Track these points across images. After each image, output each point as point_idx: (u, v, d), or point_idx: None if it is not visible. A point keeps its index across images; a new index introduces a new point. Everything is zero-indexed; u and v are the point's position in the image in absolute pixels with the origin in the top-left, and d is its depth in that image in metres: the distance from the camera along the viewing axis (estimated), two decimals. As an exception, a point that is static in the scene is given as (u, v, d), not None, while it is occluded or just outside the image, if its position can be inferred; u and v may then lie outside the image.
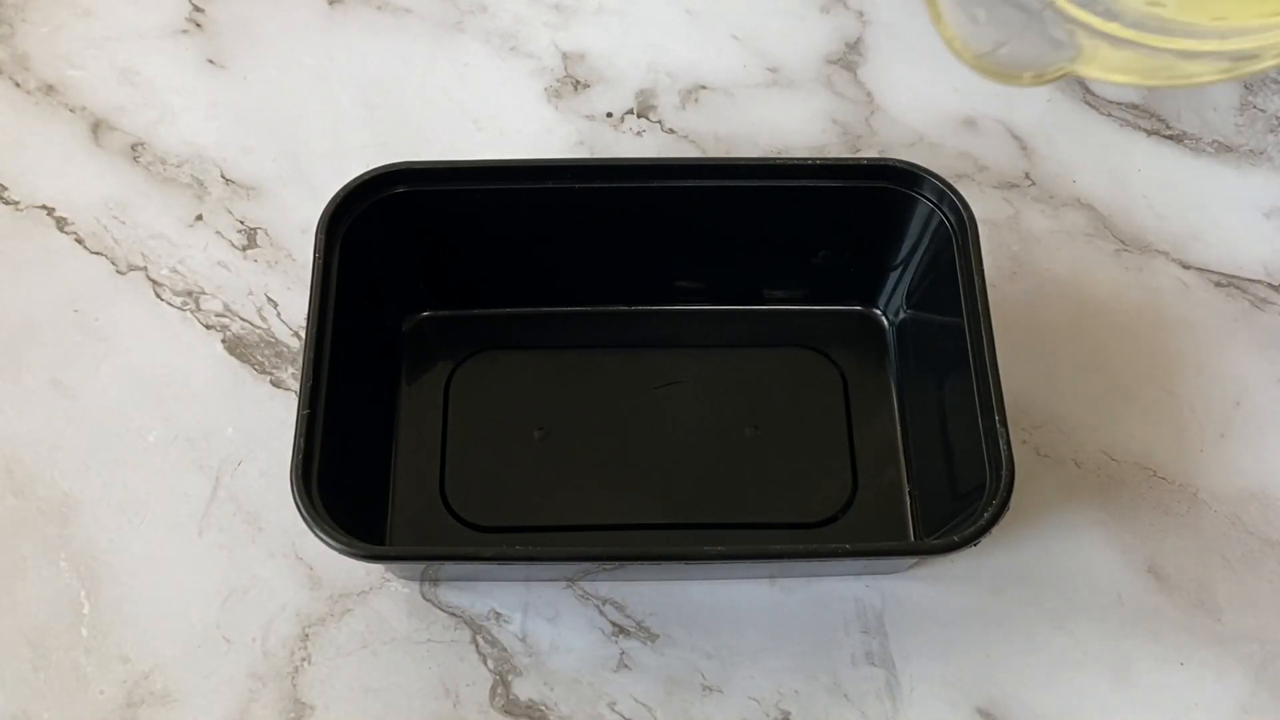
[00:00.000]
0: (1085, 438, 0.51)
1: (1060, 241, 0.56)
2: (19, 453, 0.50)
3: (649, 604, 0.48)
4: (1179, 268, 0.55)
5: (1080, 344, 0.53)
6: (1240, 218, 0.57)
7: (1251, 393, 0.52)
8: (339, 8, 0.62)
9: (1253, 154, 0.58)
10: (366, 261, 0.49)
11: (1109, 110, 0.60)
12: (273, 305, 0.54)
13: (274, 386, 0.52)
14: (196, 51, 0.61)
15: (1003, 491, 0.42)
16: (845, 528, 0.49)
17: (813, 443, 0.50)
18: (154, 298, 0.54)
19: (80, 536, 0.49)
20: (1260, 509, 0.50)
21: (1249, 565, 0.49)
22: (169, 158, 0.58)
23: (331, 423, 0.44)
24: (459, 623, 0.47)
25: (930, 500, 0.48)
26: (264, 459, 0.50)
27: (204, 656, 0.47)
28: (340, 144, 0.58)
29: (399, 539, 0.49)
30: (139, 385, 0.52)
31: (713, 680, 0.47)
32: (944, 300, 0.47)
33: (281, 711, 0.46)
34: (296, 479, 0.42)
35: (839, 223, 0.50)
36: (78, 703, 0.46)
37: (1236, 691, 0.46)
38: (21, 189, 0.57)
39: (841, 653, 0.47)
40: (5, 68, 0.60)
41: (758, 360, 0.52)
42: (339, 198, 0.47)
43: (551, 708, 0.46)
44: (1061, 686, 0.46)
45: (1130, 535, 0.49)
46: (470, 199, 0.50)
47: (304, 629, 0.47)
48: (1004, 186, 0.57)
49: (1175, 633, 0.47)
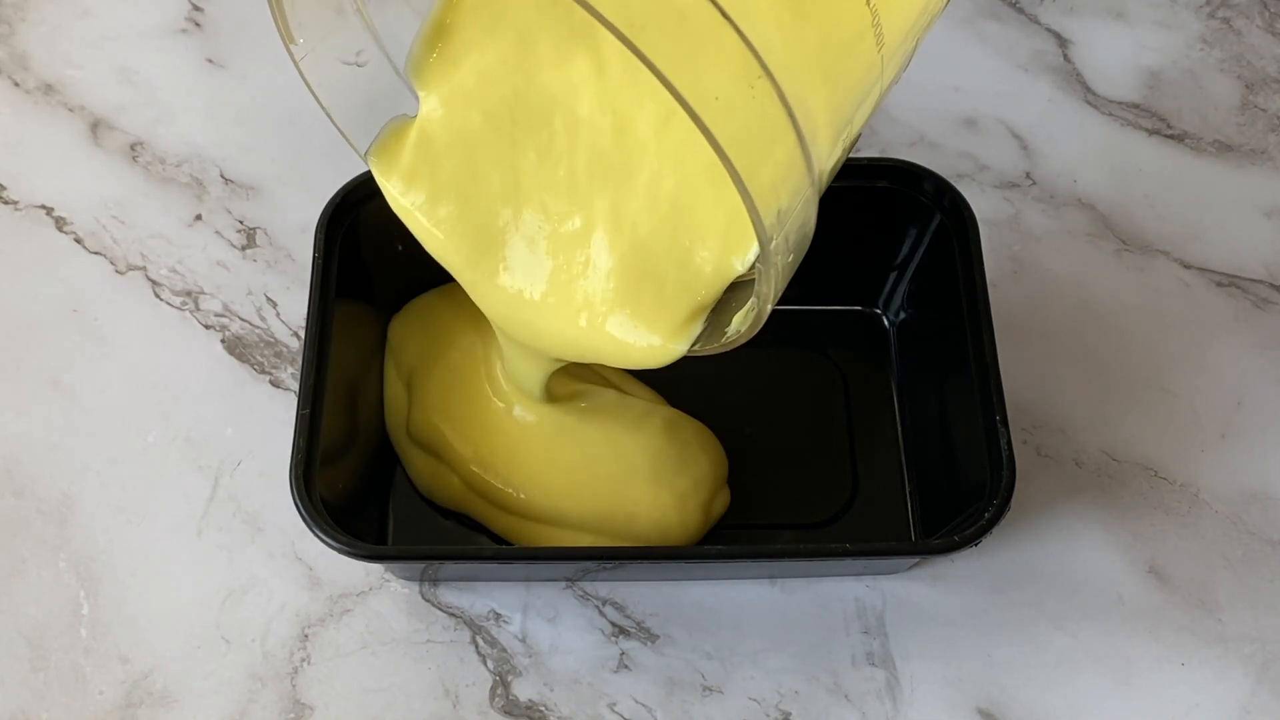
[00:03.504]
0: (1086, 438, 0.51)
1: (1061, 241, 0.56)
2: (18, 453, 0.50)
3: (649, 604, 0.48)
4: (1180, 268, 0.55)
5: (1081, 344, 0.53)
6: (1241, 217, 0.57)
7: (1253, 392, 0.52)
8: (339, 7, 0.62)
9: (1254, 154, 0.58)
10: (366, 261, 0.49)
11: (1110, 110, 0.59)
12: (272, 305, 0.54)
13: (273, 386, 0.52)
14: (195, 51, 0.61)
15: (1004, 492, 0.42)
16: (845, 528, 0.49)
17: (813, 443, 0.50)
18: (153, 298, 0.54)
19: (79, 537, 0.49)
20: (1261, 509, 0.50)
21: (1250, 565, 0.49)
22: (168, 157, 0.58)
23: (331, 423, 0.44)
24: (459, 623, 0.47)
25: (930, 500, 0.48)
26: (263, 459, 0.50)
27: (203, 657, 0.47)
28: (340, 144, 0.58)
29: (399, 539, 0.49)
30: (138, 385, 0.52)
31: (713, 681, 0.46)
32: (944, 300, 0.47)
33: (281, 712, 0.46)
34: (296, 479, 0.42)
35: (839, 222, 0.50)
36: (77, 703, 0.46)
37: (1237, 691, 0.46)
38: (21, 189, 0.57)
39: (842, 653, 0.47)
40: (4, 67, 0.60)
41: (757, 360, 0.52)
42: (338, 198, 0.47)
43: (551, 708, 0.46)
44: (1062, 686, 0.46)
45: (1131, 535, 0.49)
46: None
47: (303, 629, 0.47)
48: (1004, 186, 0.57)
49: (1176, 633, 0.47)
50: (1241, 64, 0.61)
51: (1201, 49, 0.61)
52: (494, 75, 0.39)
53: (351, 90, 0.40)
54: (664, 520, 0.47)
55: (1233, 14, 0.62)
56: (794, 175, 0.31)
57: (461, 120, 0.39)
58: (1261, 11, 0.62)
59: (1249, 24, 0.62)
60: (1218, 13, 0.62)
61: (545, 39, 0.38)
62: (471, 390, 0.49)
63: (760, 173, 0.29)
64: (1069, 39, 0.61)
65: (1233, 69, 0.61)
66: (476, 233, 0.40)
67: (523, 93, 0.38)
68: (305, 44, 0.38)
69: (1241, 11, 0.62)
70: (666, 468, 0.47)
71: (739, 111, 0.29)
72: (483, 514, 0.48)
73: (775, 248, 0.31)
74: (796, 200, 0.31)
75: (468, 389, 0.49)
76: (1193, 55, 0.61)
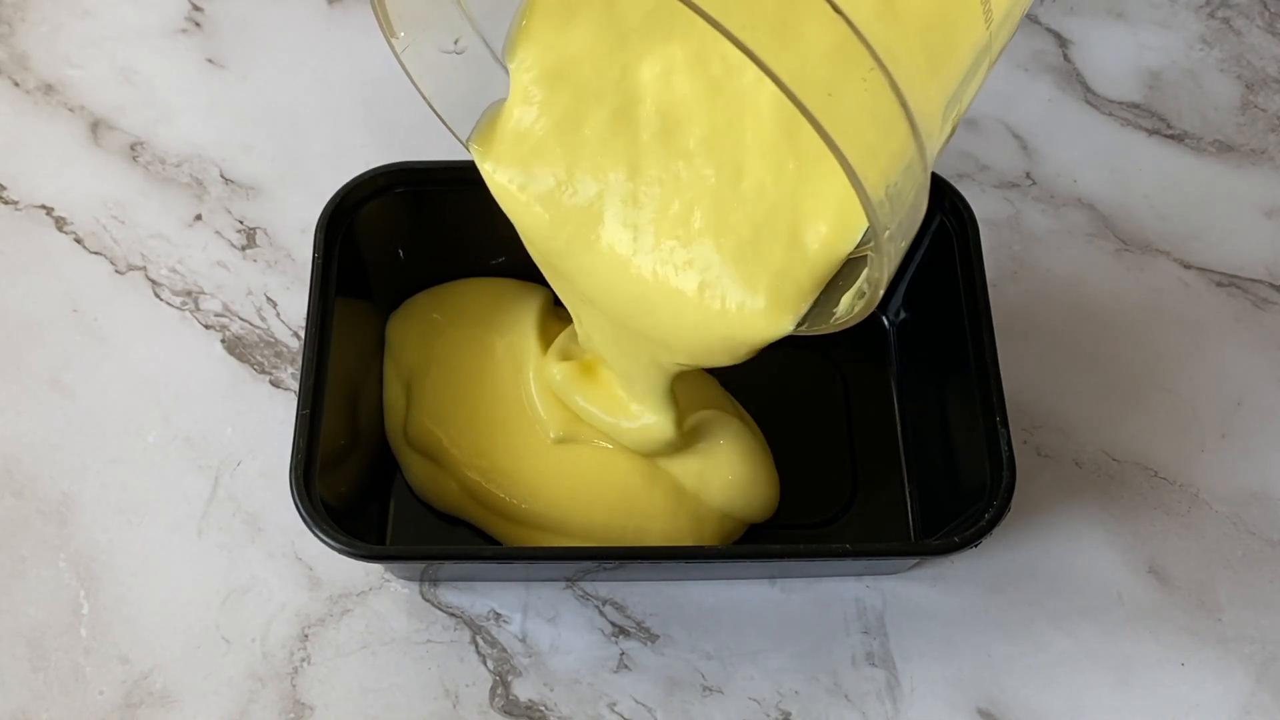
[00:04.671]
0: (1086, 438, 0.51)
1: (1061, 241, 0.56)
2: (18, 453, 0.50)
3: (649, 604, 0.48)
4: (1180, 267, 0.55)
5: (1081, 344, 0.53)
6: (1241, 217, 0.57)
7: (1253, 393, 0.52)
8: (339, 8, 0.62)
9: (1254, 153, 0.58)
10: (366, 261, 0.49)
11: (1110, 110, 0.59)
12: (272, 305, 0.54)
13: (273, 386, 0.52)
14: (196, 51, 0.61)
15: (1004, 492, 0.42)
16: (845, 528, 0.49)
17: (813, 443, 0.50)
18: (153, 298, 0.54)
19: (79, 537, 0.49)
20: (1261, 509, 0.50)
21: (1250, 565, 0.49)
22: (168, 157, 0.58)
23: (331, 423, 0.44)
24: (459, 623, 0.47)
25: (930, 500, 0.48)
26: (263, 459, 0.50)
27: (203, 657, 0.47)
28: (340, 144, 0.58)
29: (399, 539, 0.49)
30: (138, 385, 0.52)
31: (713, 681, 0.46)
32: (944, 300, 0.47)
33: (281, 712, 0.46)
34: (296, 479, 0.42)
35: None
36: (77, 703, 0.46)
37: (1237, 692, 0.46)
38: (20, 189, 0.57)
39: (842, 653, 0.47)
40: (5, 67, 0.60)
41: (758, 360, 0.52)
42: (338, 198, 0.47)
43: (551, 708, 0.46)
44: (1062, 686, 0.46)
45: (1131, 535, 0.49)
46: (470, 199, 0.50)
47: (303, 629, 0.47)
48: (1005, 186, 0.57)
49: (1176, 633, 0.47)
50: (1241, 64, 0.61)
51: (1201, 49, 0.61)
52: (589, 54, 0.38)
53: (451, 79, 0.40)
54: (676, 539, 0.47)
55: (1233, 14, 0.62)
56: (907, 163, 0.30)
57: (557, 99, 0.39)
58: (1261, 11, 0.62)
59: (1249, 24, 0.62)
60: (1218, 13, 0.62)
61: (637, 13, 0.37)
62: (475, 395, 0.49)
63: (874, 164, 0.29)
64: (1069, 39, 0.61)
65: (1233, 69, 0.61)
66: (579, 210, 0.40)
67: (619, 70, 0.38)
68: (406, 36, 0.38)
69: (1241, 11, 0.62)
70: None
71: (852, 106, 0.28)
72: (481, 520, 0.48)
73: (889, 235, 0.31)
74: (909, 185, 0.31)
75: (470, 393, 0.49)
76: (1193, 55, 0.61)
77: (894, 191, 0.30)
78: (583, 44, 0.38)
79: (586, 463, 0.47)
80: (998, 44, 0.34)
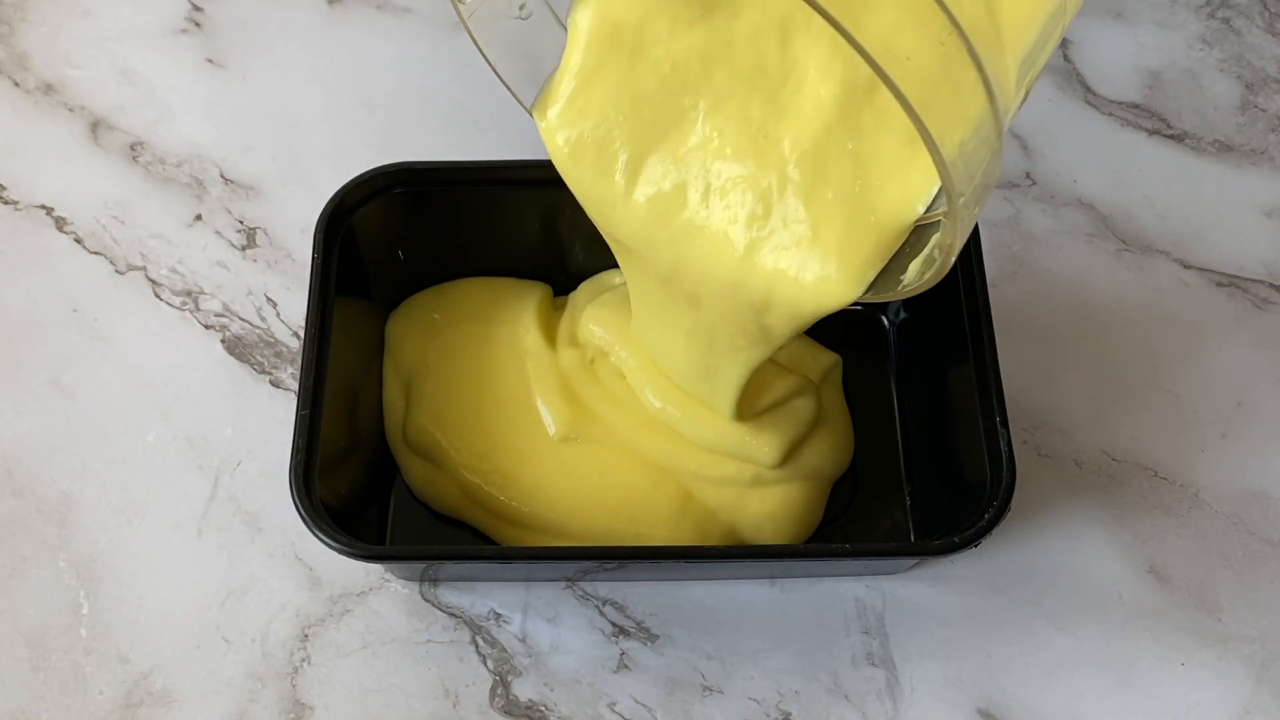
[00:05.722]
0: (1086, 438, 0.51)
1: (1061, 241, 0.56)
2: (18, 453, 0.50)
3: (649, 604, 0.48)
4: (1180, 268, 0.55)
5: (1081, 344, 0.53)
6: (1241, 217, 0.57)
7: (1252, 393, 0.52)
8: (339, 8, 0.62)
9: (1254, 154, 0.58)
10: (365, 261, 0.49)
11: (1110, 110, 0.59)
12: (272, 305, 0.54)
13: (273, 386, 0.52)
14: (196, 51, 0.61)
15: (1004, 492, 0.42)
16: (845, 528, 0.49)
17: (813, 443, 0.50)
18: (153, 298, 0.54)
19: (79, 537, 0.49)
20: (1261, 509, 0.50)
21: (1250, 565, 0.49)
22: (168, 157, 0.58)
23: (331, 423, 0.44)
24: (459, 623, 0.47)
25: (930, 500, 0.48)
26: (263, 459, 0.50)
27: (203, 657, 0.47)
28: (340, 144, 0.58)
29: (399, 539, 0.49)
30: (138, 385, 0.52)
31: (713, 681, 0.46)
32: (944, 300, 0.47)
33: (281, 712, 0.46)
34: (296, 479, 0.42)
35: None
36: (77, 703, 0.46)
37: (1237, 692, 0.46)
38: (21, 189, 0.57)
39: (842, 653, 0.47)
40: (5, 67, 0.60)
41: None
42: (338, 198, 0.47)
43: (551, 708, 0.46)
44: (1062, 686, 0.46)
45: (1131, 535, 0.49)
46: (471, 199, 0.50)
47: (303, 629, 0.47)
48: (1004, 186, 0.57)
49: (1176, 633, 0.47)
50: (1241, 64, 0.61)
51: (1201, 49, 0.61)
52: (655, 18, 0.38)
53: (516, 45, 0.40)
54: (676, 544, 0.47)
55: (1233, 14, 0.62)
56: (983, 130, 0.30)
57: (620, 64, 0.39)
58: (1261, 11, 0.62)
59: (1249, 24, 0.62)
60: (1218, 13, 0.62)
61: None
62: (475, 395, 0.49)
63: (952, 133, 0.29)
64: (1069, 39, 0.61)
65: (1233, 69, 0.61)
66: (646, 177, 0.40)
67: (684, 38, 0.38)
68: (472, 2, 0.38)
69: (1241, 11, 0.62)
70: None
71: (931, 72, 0.28)
72: (481, 522, 0.48)
73: (964, 201, 0.31)
74: (984, 152, 0.31)
75: (470, 394, 0.49)
76: (1193, 55, 0.61)
77: (970, 159, 0.30)
78: (647, 7, 0.38)
79: (589, 464, 0.47)
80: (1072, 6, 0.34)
